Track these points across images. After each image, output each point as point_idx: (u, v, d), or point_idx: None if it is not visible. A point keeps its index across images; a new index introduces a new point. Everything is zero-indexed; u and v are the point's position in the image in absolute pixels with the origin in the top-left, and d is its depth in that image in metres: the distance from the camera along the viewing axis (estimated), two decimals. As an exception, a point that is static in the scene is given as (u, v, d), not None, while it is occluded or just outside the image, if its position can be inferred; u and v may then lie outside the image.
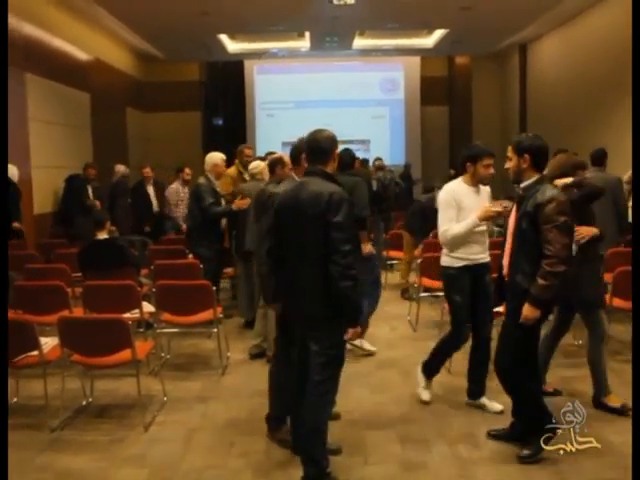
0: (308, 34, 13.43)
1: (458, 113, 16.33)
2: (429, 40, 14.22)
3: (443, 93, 16.66)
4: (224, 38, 13.60)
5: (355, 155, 5.97)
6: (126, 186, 10.02)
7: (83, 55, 11.23)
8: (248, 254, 5.69)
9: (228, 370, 5.20)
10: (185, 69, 15.52)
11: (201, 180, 6.51)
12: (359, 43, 14.37)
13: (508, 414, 3.86)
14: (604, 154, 6.30)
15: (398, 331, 6.24)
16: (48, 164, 9.39)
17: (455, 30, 12.75)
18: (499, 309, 4.16)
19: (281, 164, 5.02)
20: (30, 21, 8.98)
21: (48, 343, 4.29)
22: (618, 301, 5.06)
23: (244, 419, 4.19)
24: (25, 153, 8.67)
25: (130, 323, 4.22)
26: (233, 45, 14.38)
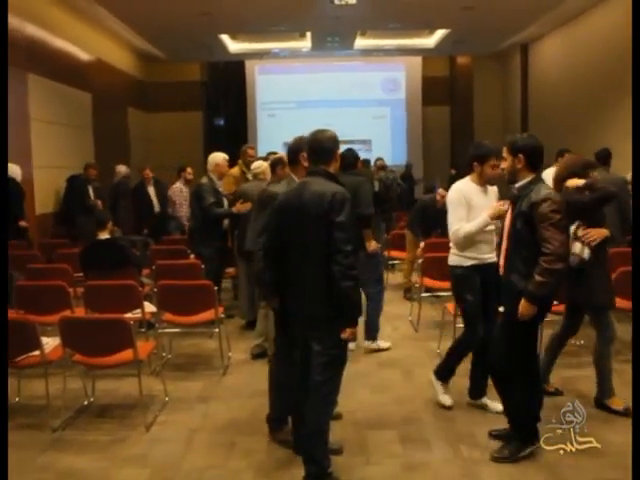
0: (309, 34, 13.44)
1: (459, 113, 16.32)
2: (430, 40, 14.21)
3: (444, 93, 16.65)
4: (225, 38, 13.61)
5: (358, 155, 5.98)
6: (128, 186, 10.03)
7: (85, 55, 11.24)
8: (249, 254, 5.68)
9: (229, 370, 5.20)
10: (186, 69, 15.53)
11: (203, 180, 6.52)
12: (360, 43, 14.37)
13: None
14: (609, 154, 6.29)
15: (400, 331, 6.24)
16: (50, 164, 9.40)
17: (457, 30, 12.74)
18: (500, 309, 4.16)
19: (282, 164, 5.04)
20: (32, 21, 9.00)
21: (50, 343, 4.30)
22: (620, 301, 5.04)
23: (245, 419, 4.19)
24: (27, 153, 8.68)
25: (132, 323, 4.23)
26: (234, 45, 14.38)
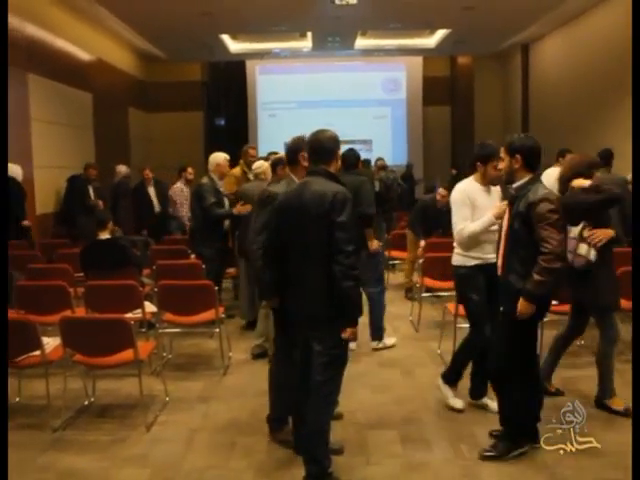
0: (310, 34, 13.44)
1: (460, 113, 16.32)
2: (431, 40, 14.21)
3: (445, 93, 16.65)
4: (226, 38, 13.61)
5: (359, 155, 5.99)
6: (128, 186, 10.04)
7: (85, 55, 11.25)
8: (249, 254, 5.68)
9: (230, 370, 5.20)
10: (187, 69, 15.53)
11: (204, 180, 6.52)
12: (361, 43, 14.37)
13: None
14: (610, 154, 6.28)
15: (400, 331, 6.23)
16: (50, 164, 9.41)
17: (457, 30, 12.74)
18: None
19: (283, 164, 5.03)
20: (32, 21, 9.00)
21: (50, 343, 4.30)
22: (621, 301, 5.04)
23: (246, 419, 4.19)
24: (27, 153, 8.69)
25: (132, 323, 4.23)
26: (235, 45, 14.39)
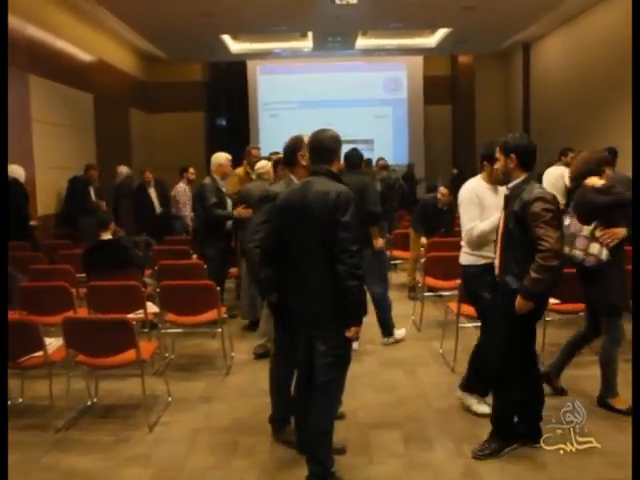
0: (311, 34, 13.45)
1: (461, 112, 16.32)
2: (432, 39, 14.22)
3: (446, 92, 16.66)
4: (227, 38, 13.63)
5: (362, 155, 6.00)
6: (130, 187, 10.04)
7: (86, 56, 11.26)
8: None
9: (232, 370, 5.20)
10: (188, 69, 15.54)
11: (206, 180, 6.52)
12: (362, 43, 14.38)
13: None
14: (615, 153, 6.26)
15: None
16: (52, 165, 9.41)
17: (458, 29, 12.75)
18: None
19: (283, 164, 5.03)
20: (33, 22, 9.01)
21: (53, 344, 4.30)
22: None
23: (248, 419, 4.19)
24: (29, 154, 8.70)
25: (134, 323, 4.24)
26: (236, 45, 14.40)
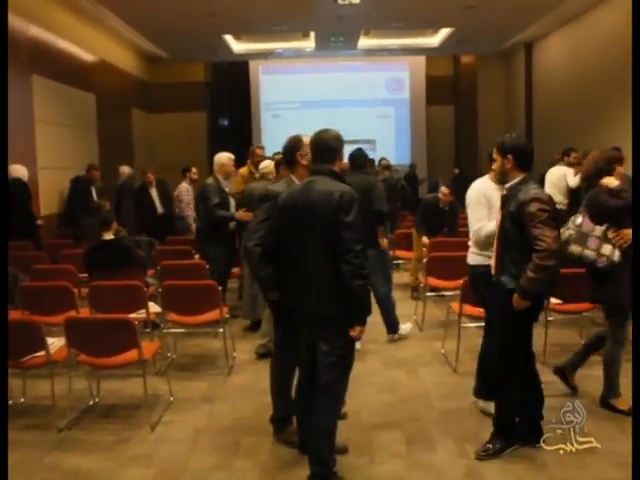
0: (313, 34, 13.45)
1: (463, 112, 16.31)
2: (434, 39, 14.21)
3: (448, 92, 16.65)
4: (229, 38, 13.63)
5: (367, 155, 6.01)
6: (132, 187, 10.06)
7: (88, 56, 11.27)
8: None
9: (234, 370, 5.20)
10: (190, 70, 15.55)
11: (209, 180, 6.52)
12: (364, 43, 14.38)
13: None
14: (620, 152, 6.24)
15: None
16: (54, 165, 9.43)
17: (460, 29, 12.74)
18: None
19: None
20: (36, 23, 9.02)
21: (55, 343, 4.30)
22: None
23: (250, 419, 4.19)
24: (31, 154, 8.71)
25: (136, 323, 4.24)
26: (238, 45, 14.40)
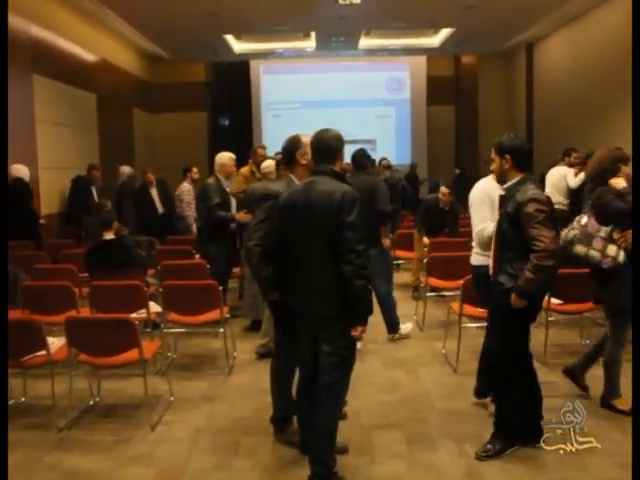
0: (314, 34, 13.45)
1: (464, 112, 16.30)
2: (435, 39, 14.21)
3: (449, 92, 16.65)
4: (230, 38, 13.63)
5: (370, 155, 6.01)
6: (133, 187, 10.05)
7: (89, 56, 11.28)
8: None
9: (235, 370, 5.20)
10: (191, 69, 15.56)
11: (210, 180, 6.52)
12: (365, 43, 14.37)
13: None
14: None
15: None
16: (55, 165, 9.43)
17: (461, 29, 12.73)
18: None
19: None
20: (37, 22, 9.02)
21: (55, 343, 4.30)
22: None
23: (250, 419, 4.19)
24: (32, 154, 8.71)
25: (137, 323, 4.24)
26: (239, 45, 14.40)
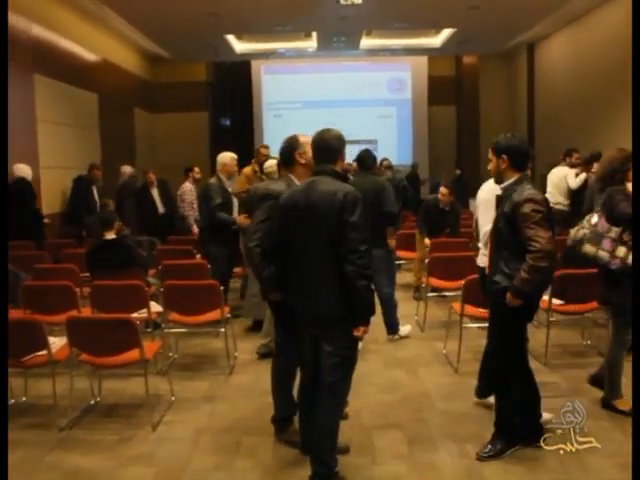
0: (315, 34, 13.45)
1: (465, 113, 16.29)
2: (436, 39, 14.20)
3: (450, 93, 16.63)
4: (231, 38, 13.63)
5: (375, 156, 6.01)
6: (134, 187, 10.04)
7: (91, 56, 11.29)
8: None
9: (236, 370, 5.20)
10: (192, 69, 15.56)
11: (212, 180, 6.52)
12: (366, 43, 14.37)
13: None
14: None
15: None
16: (56, 165, 9.44)
17: (462, 29, 12.73)
18: None
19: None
20: (38, 22, 9.03)
21: (56, 343, 4.31)
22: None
23: (251, 419, 4.19)
24: (34, 154, 8.72)
25: (138, 323, 4.23)
26: (240, 45, 14.41)
